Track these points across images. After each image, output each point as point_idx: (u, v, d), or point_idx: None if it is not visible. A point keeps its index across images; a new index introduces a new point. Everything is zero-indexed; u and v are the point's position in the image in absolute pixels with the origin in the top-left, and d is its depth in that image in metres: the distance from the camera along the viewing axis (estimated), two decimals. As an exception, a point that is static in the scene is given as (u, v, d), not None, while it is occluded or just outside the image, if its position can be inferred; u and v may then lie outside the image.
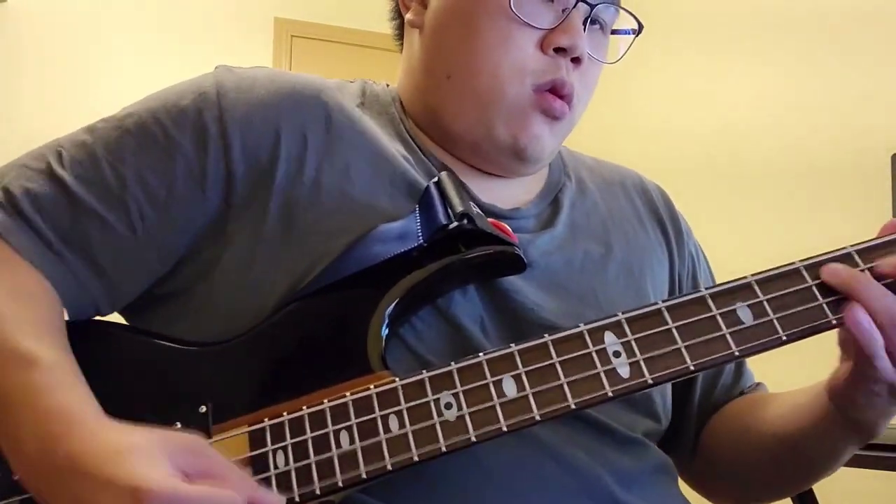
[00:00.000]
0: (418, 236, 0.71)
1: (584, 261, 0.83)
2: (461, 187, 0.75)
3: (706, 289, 0.65)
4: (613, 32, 0.86)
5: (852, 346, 0.65)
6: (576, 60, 0.80)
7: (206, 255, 0.74)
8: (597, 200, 0.91)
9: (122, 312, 0.80)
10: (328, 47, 4.14)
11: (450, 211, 0.71)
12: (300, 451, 0.61)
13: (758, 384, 0.94)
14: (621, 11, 0.86)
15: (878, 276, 0.64)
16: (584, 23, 0.80)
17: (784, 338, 0.63)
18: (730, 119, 3.03)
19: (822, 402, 0.73)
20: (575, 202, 0.89)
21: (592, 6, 0.81)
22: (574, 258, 0.83)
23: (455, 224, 0.70)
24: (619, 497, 0.71)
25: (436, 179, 0.75)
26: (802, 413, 0.77)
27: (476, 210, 0.73)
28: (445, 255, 0.70)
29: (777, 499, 0.92)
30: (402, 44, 0.91)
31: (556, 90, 0.80)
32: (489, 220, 0.74)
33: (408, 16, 0.86)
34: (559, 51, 0.79)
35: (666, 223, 0.94)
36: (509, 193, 0.85)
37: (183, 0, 3.95)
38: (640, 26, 0.86)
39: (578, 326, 0.64)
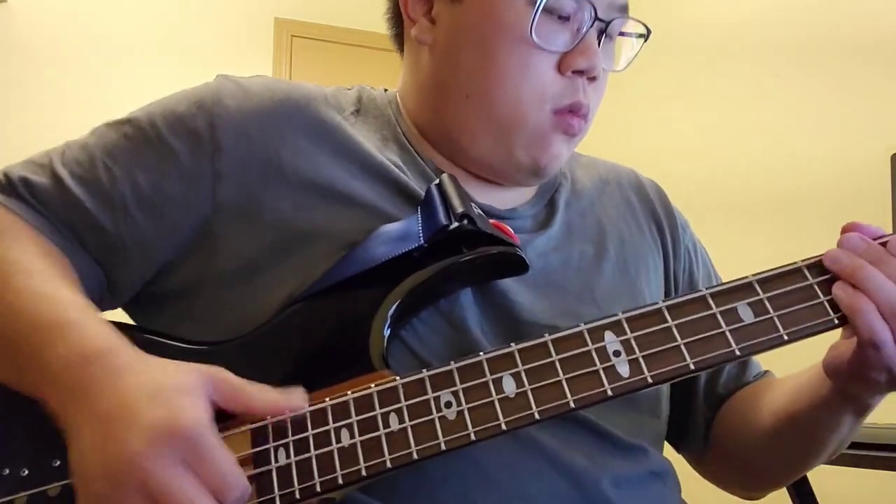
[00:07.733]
0: (419, 237, 0.71)
1: (580, 260, 0.83)
2: (462, 189, 0.75)
3: (706, 288, 0.65)
4: (620, 35, 0.85)
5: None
6: (592, 79, 0.80)
7: (199, 257, 0.75)
8: (592, 199, 0.91)
9: (127, 311, 0.81)
10: (328, 47, 4.13)
11: (450, 212, 0.71)
12: (301, 448, 0.62)
13: (765, 372, 0.93)
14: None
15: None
16: (599, 38, 0.80)
17: (786, 337, 0.63)
18: (730, 125, 3.04)
19: (820, 378, 0.73)
20: (570, 202, 0.89)
21: (607, 23, 0.80)
22: (570, 258, 0.83)
23: (456, 224, 0.70)
24: (615, 502, 0.71)
25: (437, 181, 0.75)
26: (802, 391, 0.77)
27: (477, 211, 0.74)
28: (446, 255, 0.71)
29: (785, 482, 0.91)
30: (400, 47, 0.90)
31: (575, 110, 0.80)
32: (490, 221, 0.74)
33: (413, 31, 0.84)
34: (577, 72, 0.79)
35: (662, 220, 0.94)
36: (506, 195, 0.86)
37: (183, 1, 3.95)
38: (648, 31, 0.86)
39: (578, 326, 0.64)
